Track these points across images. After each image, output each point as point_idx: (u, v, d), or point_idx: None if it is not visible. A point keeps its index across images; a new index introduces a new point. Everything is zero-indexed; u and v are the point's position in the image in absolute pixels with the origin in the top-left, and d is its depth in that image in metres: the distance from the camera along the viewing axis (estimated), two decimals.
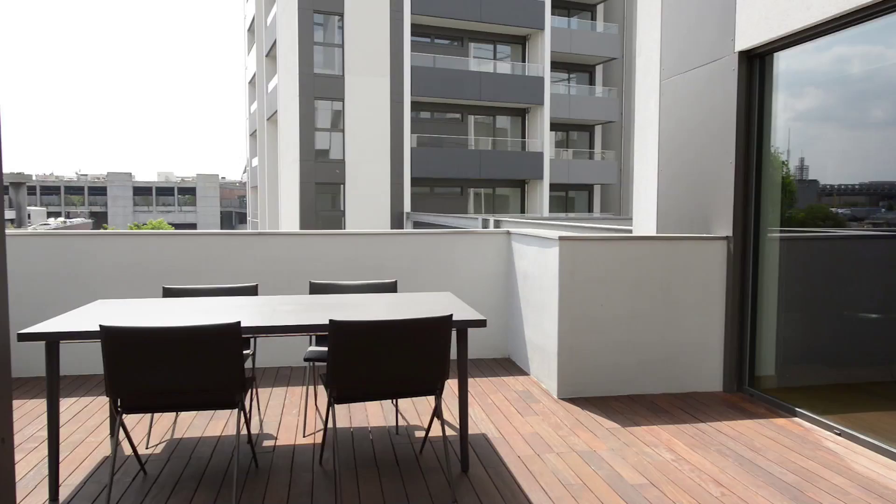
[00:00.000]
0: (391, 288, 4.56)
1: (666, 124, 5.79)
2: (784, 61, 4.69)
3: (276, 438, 3.98)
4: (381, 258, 5.83)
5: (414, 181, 26.20)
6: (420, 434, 4.07)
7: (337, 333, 3.05)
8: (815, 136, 4.69)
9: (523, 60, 28.53)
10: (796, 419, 4.37)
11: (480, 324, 3.38)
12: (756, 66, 4.82)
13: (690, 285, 4.98)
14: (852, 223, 4.70)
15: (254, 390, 4.63)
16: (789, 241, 4.80)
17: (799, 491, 3.26)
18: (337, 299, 4.03)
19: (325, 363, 3.87)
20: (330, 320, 3.04)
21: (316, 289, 4.48)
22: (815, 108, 4.66)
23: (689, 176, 5.44)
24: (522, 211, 28.71)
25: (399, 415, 4.41)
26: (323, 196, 25.57)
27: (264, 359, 5.66)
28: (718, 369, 5.04)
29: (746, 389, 4.94)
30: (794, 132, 4.78)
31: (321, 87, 24.87)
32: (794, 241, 4.84)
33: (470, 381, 5.26)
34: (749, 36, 4.71)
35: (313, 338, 4.35)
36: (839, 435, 4.05)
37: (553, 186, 28.83)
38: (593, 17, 30.76)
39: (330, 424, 4.09)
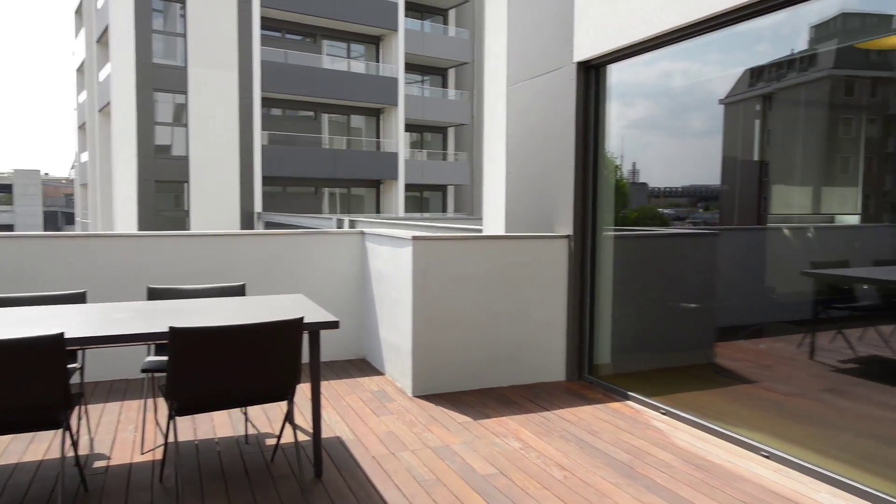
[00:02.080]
0: (239, 291, 4.37)
1: (513, 128, 6.06)
2: (616, 73, 5.08)
3: (109, 458, 3.66)
4: (228, 260, 5.56)
5: (265, 180, 25.29)
6: (271, 442, 3.93)
7: (177, 341, 2.86)
8: (644, 142, 5.14)
9: (377, 60, 28.56)
10: (629, 402, 4.75)
11: (333, 325, 3.33)
12: (592, 76, 5.18)
13: (536, 282, 5.24)
14: (676, 222, 5.20)
15: (82, 407, 4.22)
16: (622, 239, 5.22)
17: (631, 468, 3.55)
18: (178, 305, 3.78)
19: (165, 374, 3.61)
20: (170, 327, 2.85)
21: (155, 294, 4.18)
22: (644, 117, 5.10)
23: (534, 178, 5.73)
24: (378, 211, 28.75)
25: (249, 423, 4.23)
26: (164, 195, 23.93)
27: (95, 372, 5.18)
28: (562, 360, 5.36)
29: (586, 377, 5.29)
30: (627, 139, 5.20)
31: (161, 79, 23.26)
32: (626, 238, 5.27)
33: (324, 383, 5.17)
34: (585, 48, 5.05)
35: (152, 347, 4.05)
36: (664, 414, 4.46)
37: (408, 187, 29.14)
38: (445, 22, 31.47)
39: (171, 438, 3.83)
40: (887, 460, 3.42)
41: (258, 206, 24.94)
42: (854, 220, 4.79)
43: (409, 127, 29.84)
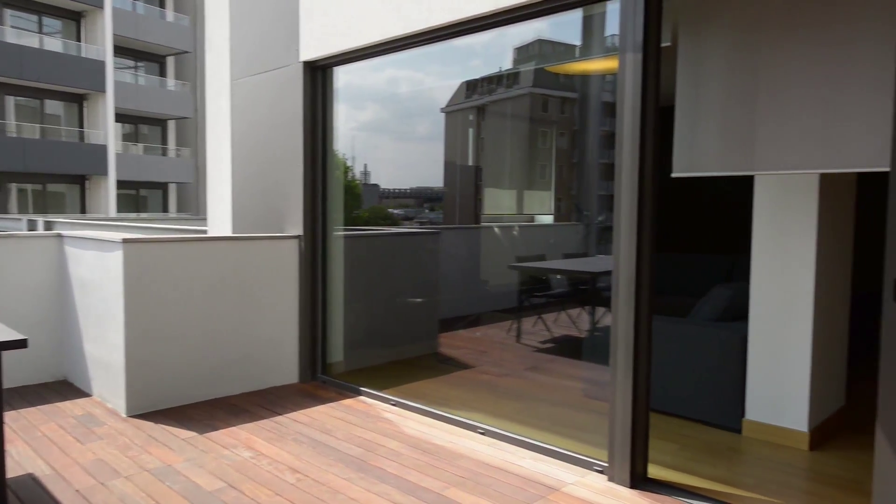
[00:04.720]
0: None
1: (238, 125, 5.79)
2: (344, 76, 5.15)
3: None
4: None
5: None
6: None
7: None
8: (375, 145, 5.31)
9: (79, 40, 25.10)
10: (361, 397, 4.86)
11: (19, 344, 2.82)
12: (319, 77, 5.18)
13: (266, 283, 5.08)
14: (405, 222, 5.48)
15: None
16: (353, 239, 5.32)
17: (363, 461, 3.64)
18: None
19: None
20: None
21: None
22: (374, 120, 5.26)
23: (263, 177, 5.55)
24: (83, 211, 25.27)
25: None
26: None
27: None
28: (295, 362, 5.28)
29: (320, 377, 5.29)
30: (357, 141, 5.31)
31: None
32: (356, 238, 5.39)
33: (11, 413, 4.38)
34: (311, 49, 5.03)
35: None
36: (394, 406, 4.66)
37: (121, 184, 26.13)
38: (162, 5, 28.90)
39: None
40: (573, 423, 4.02)
41: None
42: (549, 219, 5.56)
43: (121, 117, 26.78)
